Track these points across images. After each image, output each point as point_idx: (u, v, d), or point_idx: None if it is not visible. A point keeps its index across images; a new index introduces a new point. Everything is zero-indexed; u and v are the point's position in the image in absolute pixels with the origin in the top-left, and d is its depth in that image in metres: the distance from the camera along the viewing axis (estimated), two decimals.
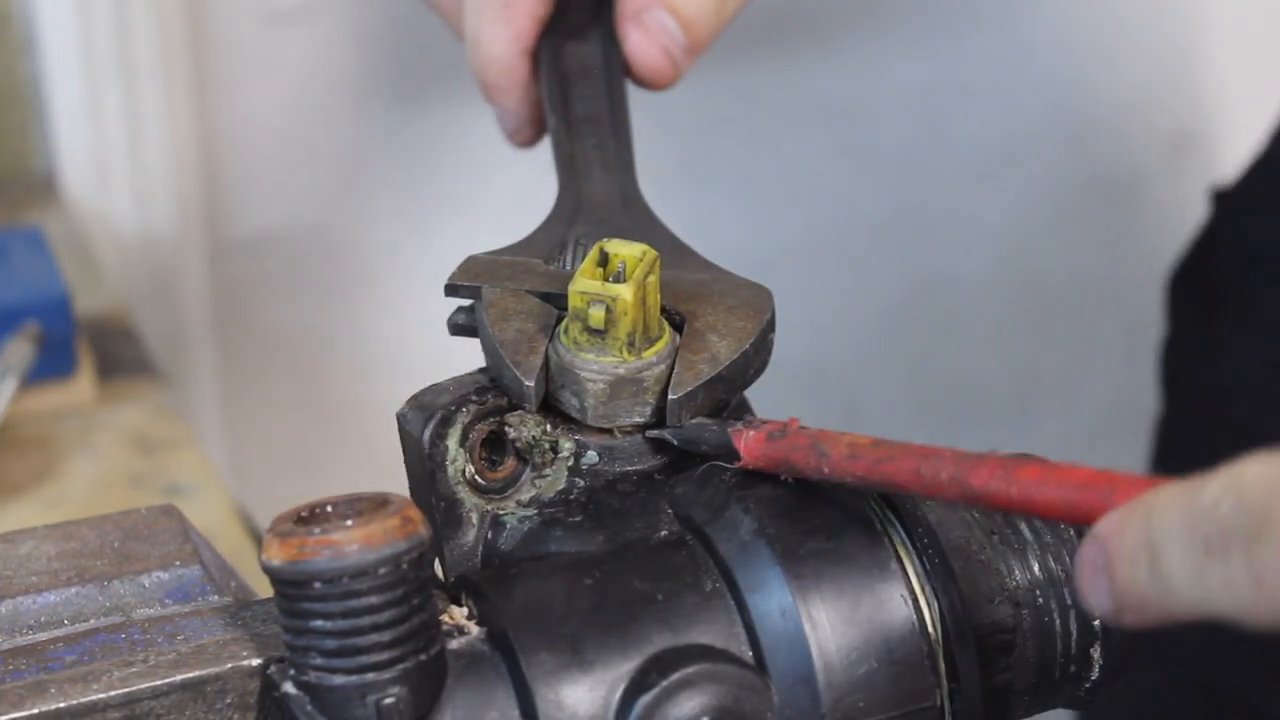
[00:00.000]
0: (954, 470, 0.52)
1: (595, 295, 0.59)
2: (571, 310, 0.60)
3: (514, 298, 0.63)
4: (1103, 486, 0.49)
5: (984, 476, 0.51)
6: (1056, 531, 0.59)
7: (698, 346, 0.62)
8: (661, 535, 0.58)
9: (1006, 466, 0.51)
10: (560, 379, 0.60)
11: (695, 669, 0.54)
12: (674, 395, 0.60)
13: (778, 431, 0.58)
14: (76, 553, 0.60)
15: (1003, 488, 0.51)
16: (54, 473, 1.14)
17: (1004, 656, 0.58)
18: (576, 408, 0.60)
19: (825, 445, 0.56)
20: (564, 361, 0.60)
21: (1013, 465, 0.51)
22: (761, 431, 0.58)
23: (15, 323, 1.17)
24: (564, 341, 0.60)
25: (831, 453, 0.56)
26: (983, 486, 0.51)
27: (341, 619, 0.51)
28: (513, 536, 0.59)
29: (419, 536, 0.52)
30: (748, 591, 0.55)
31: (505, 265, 0.66)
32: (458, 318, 0.65)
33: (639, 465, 0.61)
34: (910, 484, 0.53)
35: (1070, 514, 0.50)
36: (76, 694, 0.53)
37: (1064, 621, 0.59)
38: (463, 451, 0.59)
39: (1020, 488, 0.51)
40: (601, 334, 0.60)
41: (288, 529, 0.52)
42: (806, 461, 0.56)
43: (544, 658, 0.53)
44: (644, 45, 0.90)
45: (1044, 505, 0.50)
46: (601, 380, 0.60)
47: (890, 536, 0.56)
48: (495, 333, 0.61)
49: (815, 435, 0.57)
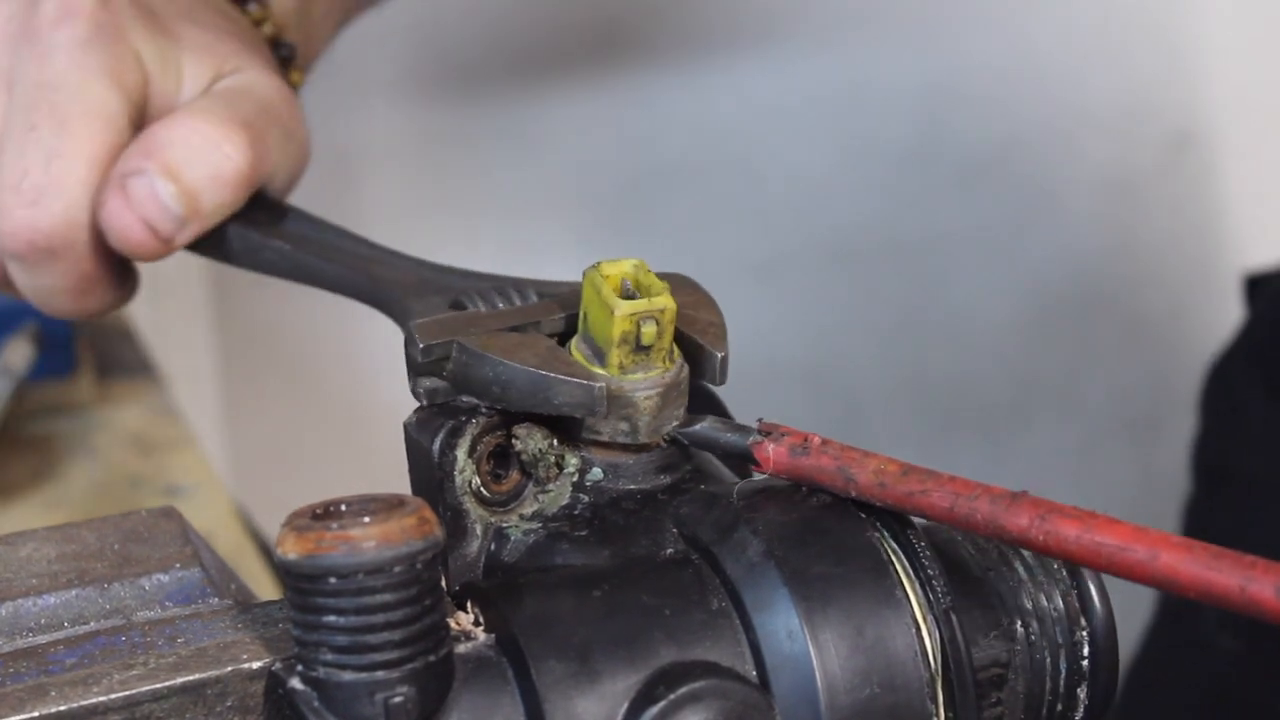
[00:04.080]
0: (989, 512, 0.53)
1: (645, 312, 0.59)
2: (619, 336, 0.60)
3: (497, 336, 0.62)
4: (1142, 547, 0.50)
5: (1022, 525, 0.52)
6: (1049, 570, 0.60)
7: (689, 320, 0.62)
8: (667, 553, 0.58)
9: (1044, 514, 0.52)
10: None
11: (702, 684, 0.54)
12: (720, 353, 0.61)
13: (800, 446, 0.58)
14: (77, 555, 0.60)
15: (1039, 537, 0.52)
16: (53, 473, 1.14)
17: (997, 691, 0.58)
18: (626, 431, 0.60)
19: (853, 470, 0.57)
20: (611, 390, 0.60)
21: (1050, 514, 0.52)
22: (783, 445, 0.58)
23: (15, 323, 1.17)
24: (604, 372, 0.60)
25: (860, 479, 0.56)
26: (1020, 533, 0.52)
27: (354, 615, 0.51)
28: (516, 549, 0.60)
29: (434, 537, 0.52)
30: (754, 611, 0.55)
31: (459, 319, 0.65)
32: (428, 383, 0.62)
33: (643, 484, 0.61)
34: (942, 520, 0.54)
35: (1109, 569, 0.51)
36: (76, 697, 0.53)
37: (1054, 659, 0.60)
38: (470, 462, 0.60)
39: (1058, 542, 0.52)
40: (647, 350, 0.60)
41: (304, 524, 0.52)
42: (832, 484, 0.57)
43: (553, 666, 0.54)
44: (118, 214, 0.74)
45: (1081, 558, 0.51)
46: (655, 394, 0.60)
47: (895, 565, 0.57)
48: (518, 362, 0.60)
49: (841, 457, 0.57)
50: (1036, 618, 0.59)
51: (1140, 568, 0.50)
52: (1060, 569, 0.60)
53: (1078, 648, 0.59)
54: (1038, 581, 0.60)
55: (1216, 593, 0.48)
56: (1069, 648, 0.60)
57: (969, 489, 0.54)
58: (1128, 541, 0.51)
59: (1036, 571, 0.60)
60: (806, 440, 0.58)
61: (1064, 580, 0.60)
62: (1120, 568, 0.51)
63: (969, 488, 0.54)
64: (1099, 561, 0.51)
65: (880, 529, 0.58)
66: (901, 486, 0.56)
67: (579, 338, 0.61)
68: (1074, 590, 0.60)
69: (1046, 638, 0.60)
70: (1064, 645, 0.60)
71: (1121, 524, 0.51)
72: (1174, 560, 0.49)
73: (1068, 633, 0.59)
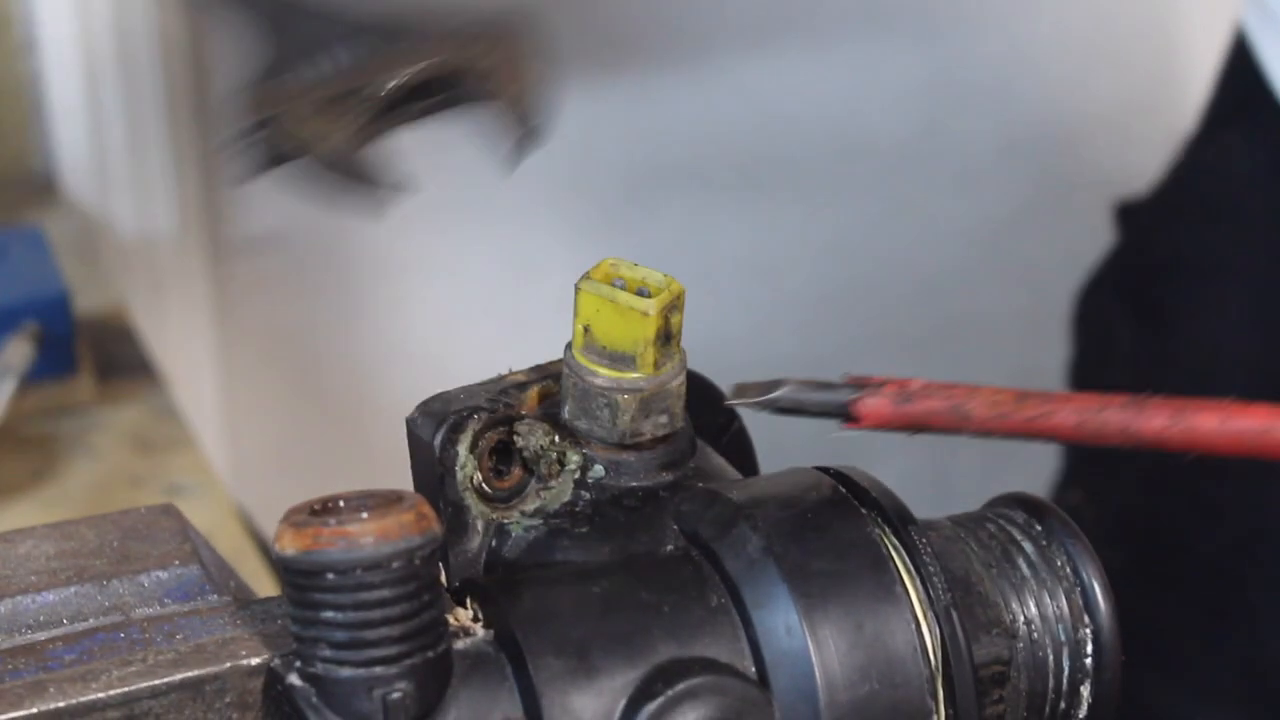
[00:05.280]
0: (1121, 420, 0.52)
1: (671, 303, 0.59)
2: (655, 335, 0.59)
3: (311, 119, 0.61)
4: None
5: (1158, 426, 0.51)
6: (1052, 568, 0.60)
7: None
8: (667, 550, 0.58)
9: (1179, 411, 0.51)
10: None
11: (700, 680, 0.54)
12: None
13: (901, 394, 0.57)
14: (75, 552, 0.60)
15: (1178, 436, 0.51)
16: (53, 473, 1.14)
17: (998, 688, 0.58)
18: (665, 423, 0.60)
19: (968, 406, 0.55)
20: (649, 391, 0.60)
21: (1184, 409, 0.51)
22: (884, 396, 0.57)
23: (15, 323, 1.17)
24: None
25: (976, 414, 0.55)
26: (1157, 435, 0.51)
27: (352, 611, 0.51)
28: (517, 545, 0.60)
29: (433, 532, 0.52)
30: (754, 608, 0.55)
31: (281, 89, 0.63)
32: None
33: (645, 481, 0.61)
34: (1073, 439, 0.53)
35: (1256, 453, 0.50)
36: (75, 693, 0.53)
37: (1056, 657, 0.59)
38: (472, 458, 0.60)
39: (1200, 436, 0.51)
40: (668, 339, 0.60)
41: (302, 519, 0.52)
42: (946, 424, 0.55)
43: (551, 662, 0.54)
44: None
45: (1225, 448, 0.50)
46: (683, 377, 0.60)
47: (895, 561, 0.57)
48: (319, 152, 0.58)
49: (951, 395, 0.56)
50: (1039, 615, 0.59)
51: None
52: (1064, 566, 0.60)
53: (1081, 645, 0.59)
54: (1041, 579, 0.60)
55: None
56: (1072, 645, 0.59)
57: (1093, 403, 0.53)
58: (1267, 422, 0.50)
59: (1040, 568, 0.60)
60: (907, 386, 0.57)
61: (1067, 577, 0.60)
62: (1265, 448, 0.50)
63: (1092, 402, 0.53)
64: (1243, 447, 0.50)
65: (880, 525, 0.57)
66: (1022, 413, 0.54)
67: (581, 350, 0.61)
68: (1078, 588, 0.60)
69: (1049, 635, 0.59)
70: (1067, 643, 0.59)
71: (1257, 406, 0.50)
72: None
73: (1070, 630, 0.59)
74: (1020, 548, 0.60)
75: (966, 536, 0.60)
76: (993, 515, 0.61)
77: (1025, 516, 0.61)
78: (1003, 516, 0.61)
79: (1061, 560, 0.60)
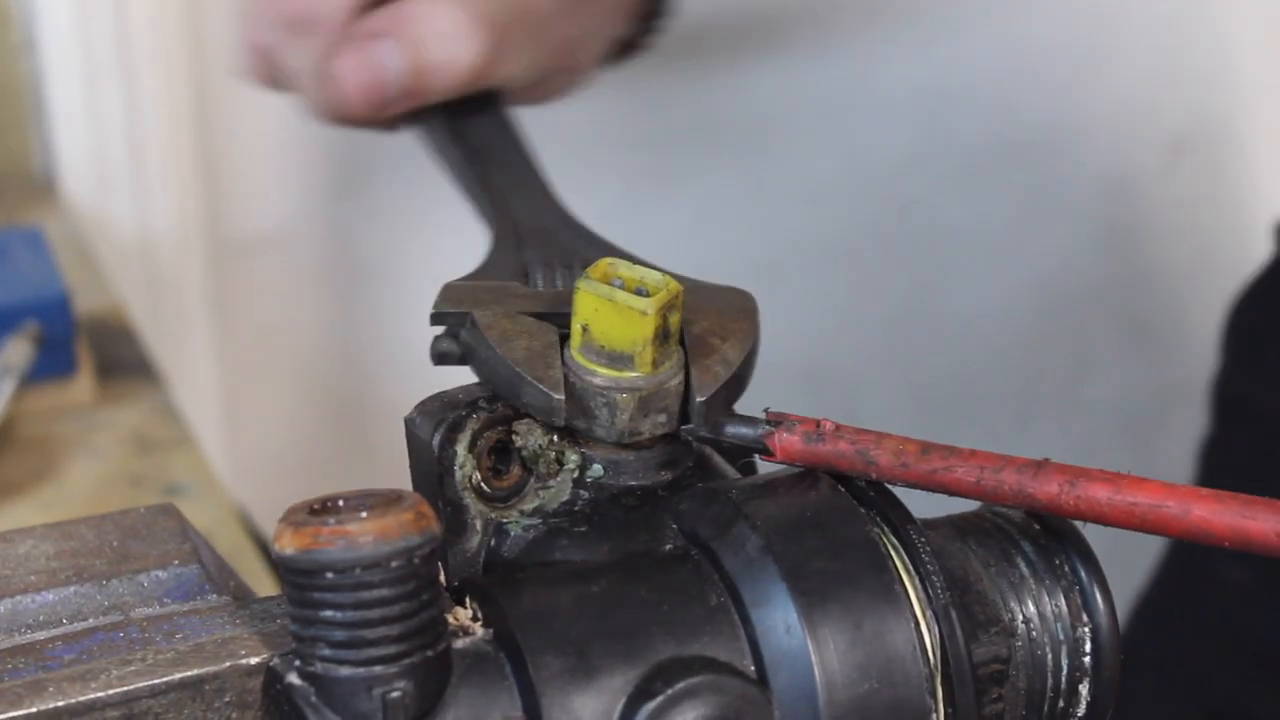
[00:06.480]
0: (1017, 482, 0.53)
1: (669, 302, 0.59)
2: (654, 334, 0.59)
3: (509, 319, 0.62)
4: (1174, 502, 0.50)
5: (1051, 492, 0.52)
6: (1051, 567, 0.60)
7: (706, 350, 0.62)
8: (666, 549, 0.58)
9: (1073, 479, 0.52)
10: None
11: (699, 679, 0.54)
12: (701, 398, 0.60)
13: (814, 433, 0.58)
14: (75, 552, 0.60)
15: (1070, 502, 0.52)
16: (53, 473, 1.14)
17: (997, 687, 0.58)
18: (664, 422, 0.60)
19: (872, 453, 0.56)
20: (647, 390, 0.60)
21: (1078, 478, 0.52)
22: (796, 433, 0.58)
23: (15, 323, 1.17)
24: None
25: (880, 461, 0.56)
26: (1050, 500, 0.53)
27: (352, 610, 0.51)
28: (516, 544, 0.60)
29: (432, 532, 0.52)
30: (753, 607, 0.55)
31: (487, 290, 0.65)
32: (443, 345, 0.63)
33: (643, 480, 0.61)
34: (969, 494, 0.54)
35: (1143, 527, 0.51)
36: (75, 693, 0.53)
37: (1055, 656, 0.59)
38: (471, 457, 0.60)
39: (1089, 506, 0.52)
40: (667, 338, 0.60)
41: (302, 519, 0.52)
42: (851, 467, 0.57)
43: (550, 661, 0.54)
44: (350, 69, 0.79)
45: (1114, 519, 0.51)
46: (681, 376, 0.60)
47: (894, 560, 0.57)
48: (504, 352, 0.60)
49: (858, 440, 0.57)
50: (1038, 614, 0.59)
51: (1175, 523, 0.50)
52: (1063, 565, 0.60)
53: (1079, 644, 0.59)
54: (1039, 578, 0.60)
55: (1253, 540, 0.49)
56: (1071, 644, 0.59)
57: (993, 461, 0.54)
58: (1160, 498, 0.51)
59: (1039, 568, 0.60)
60: (819, 426, 0.58)
61: (1066, 576, 0.60)
62: (1154, 524, 0.51)
63: (993, 460, 0.54)
64: (1133, 521, 0.51)
65: (880, 524, 0.58)
66: (924, 465, 0.55)
67: (579, 349, 0.61)
68: (1076, 587, 0.60)
69: (1048, 634, 0.59)
70: (1065, 642, 0.59)
71: (1151, 482, 0.51)
72: (1207, 513, 0.50)
73: (1069, 629, 0.59)
74: (1019, 547, 0.60)
75: (965, 536, 0.61)
76: (991, 514, 0.62)
77: (1024, 516, 0.61)
78: (1001, 516, 0.61)
79: (1060, 559, 0.60)
